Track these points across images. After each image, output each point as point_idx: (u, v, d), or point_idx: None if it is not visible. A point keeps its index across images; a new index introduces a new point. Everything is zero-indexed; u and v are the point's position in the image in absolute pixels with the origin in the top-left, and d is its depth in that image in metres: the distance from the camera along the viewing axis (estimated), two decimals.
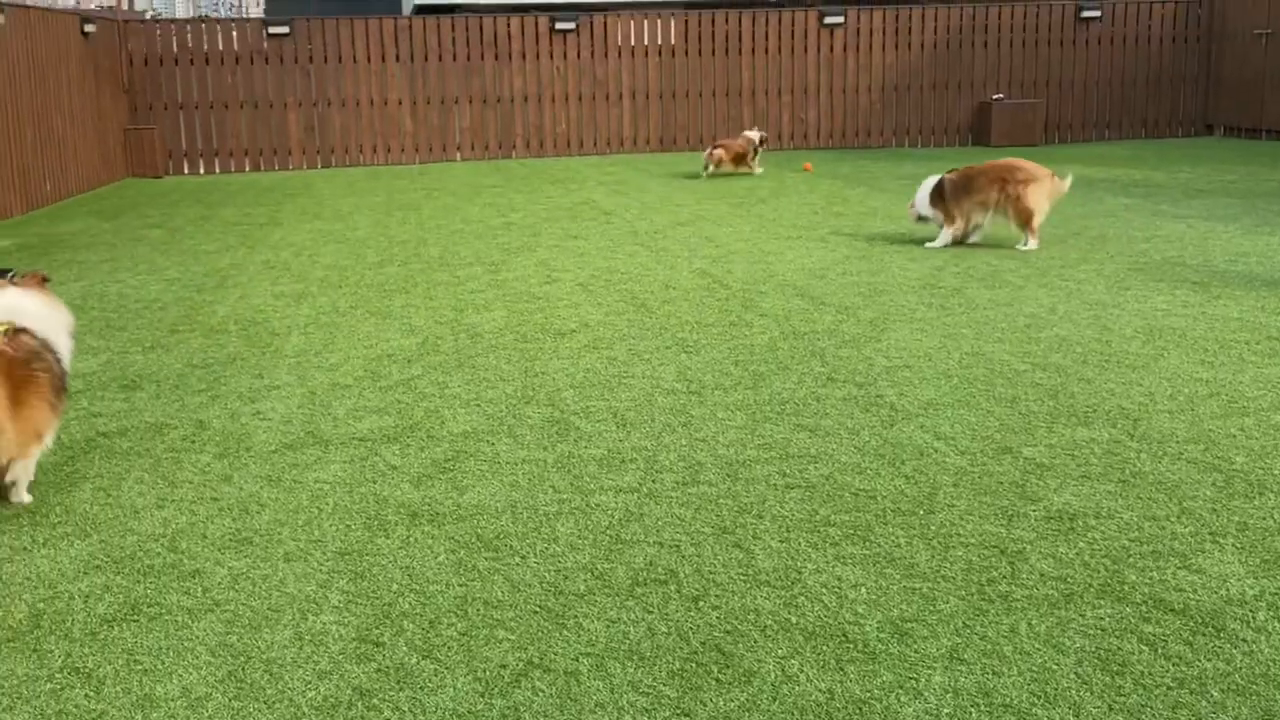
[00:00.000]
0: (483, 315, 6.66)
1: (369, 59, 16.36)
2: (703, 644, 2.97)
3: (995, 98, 17.21)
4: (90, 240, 9.91)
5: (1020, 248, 8.21)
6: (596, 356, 5.71)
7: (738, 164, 13.49)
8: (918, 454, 4.26)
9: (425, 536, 3.66)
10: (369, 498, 3.98)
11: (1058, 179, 8.23)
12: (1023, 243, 8.28)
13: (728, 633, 3.03)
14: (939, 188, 8.41)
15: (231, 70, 16.11)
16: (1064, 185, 8.26)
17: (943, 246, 8.42)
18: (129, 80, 15.75)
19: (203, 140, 16.13)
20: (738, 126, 17.16)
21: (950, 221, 8.39)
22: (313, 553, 3.56)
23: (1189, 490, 3.85)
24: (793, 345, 5.81)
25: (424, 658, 2.94)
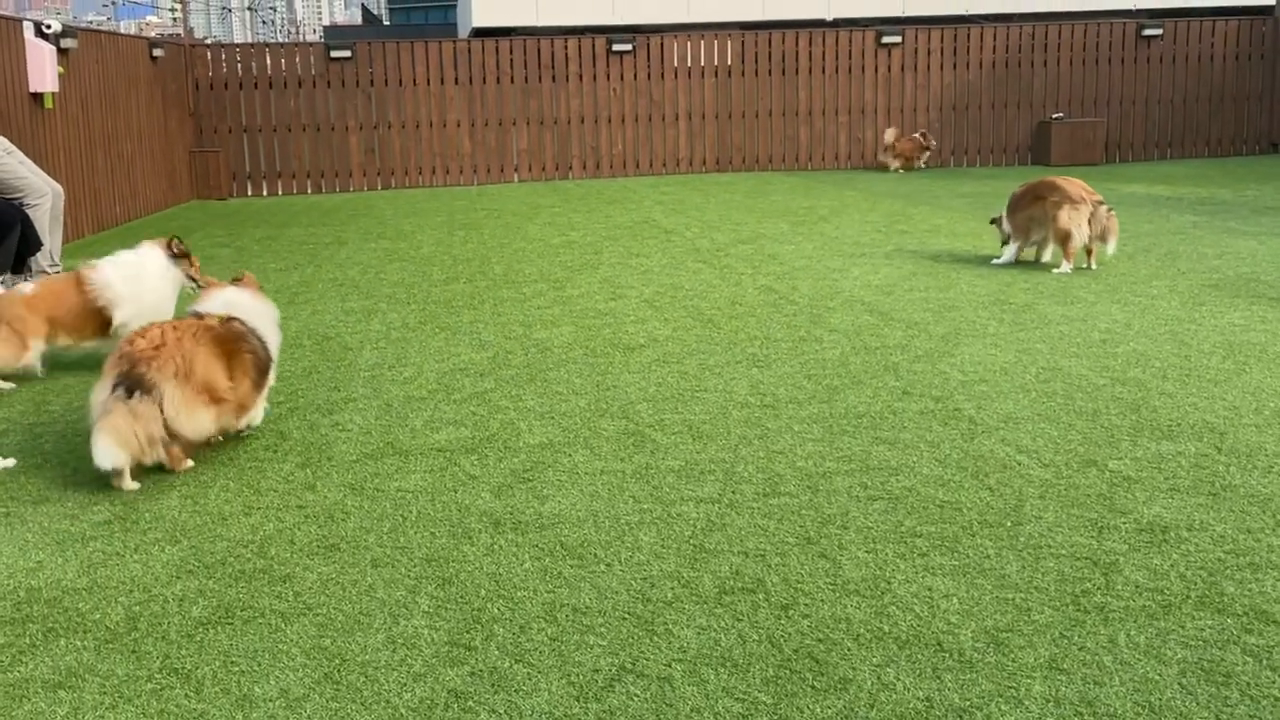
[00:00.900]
0: (551, 331, 6.69)
1: (428, 81, 16.56)
2: (795, 651, 2.96)
3: (1055, 117, 17.07)
4: None
5: (1055, 270, 8.00)
6: (667, 371, 5.71)
7: (909, 163, 15.42)
8: (1000, 467, 4.21)
9: (509, 544, 3.67)
10: (451, 506, 4.01)
11: (1103, 208, 7.88)
12: (1059, 266, 8.03)
13: (819, 641, 3.01)
14: (1010, 201, 8.34)
15: (294, 94, 16.36)
16: (1106, 217, 7.87)
17: (1005, 264, 8.32)
18: (195, 104, 16.05)
19: (266, 163, 16.39)
20: (794, 147, 17.17)
21: (1015, 236, 8.30)
22: (399, 559, 3.59)
23: None
24: (865, 360, 5.78)
25: (516, 661, 2.95)
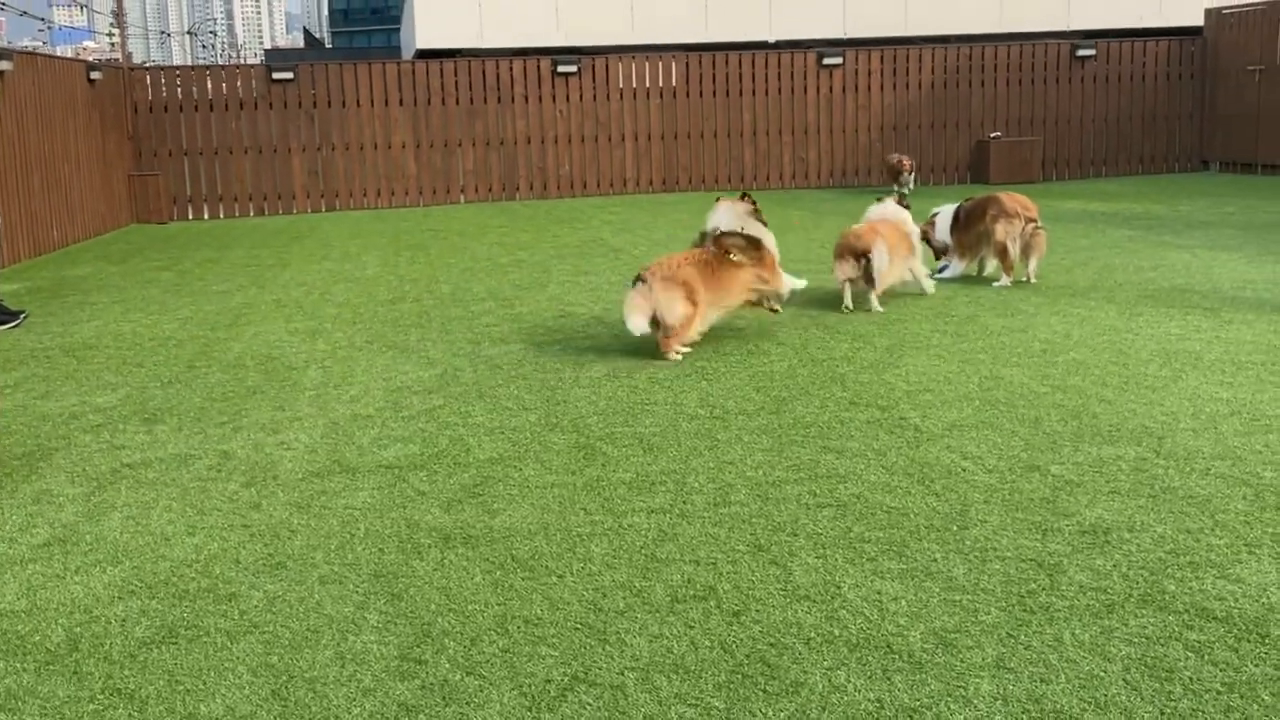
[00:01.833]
0: (500, 348, 6.68)
1: (372, 103, 16.50)
2: (747, 656, 2.96)
3: (993, 136, 17.36)
4: (100, 283, 9.94)
5: (995, 284, 8.08)
6: (617, 385, 5.72)
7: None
8: (946, 473, 4.26)
9: (460, 558, 3.65)
10: (400, 522, 3.98)
11: (1030, 225, 7.93)
12: (998, 279, 8.12)
13: (771, 645, 3.02)
14: (955, 216, 8.40)
15: (236, 116, 16.23)
16: (1032, 234, 7.95)
17: (951, 277, 8.43)
18: (134, 127, 15.86)
19: (207, 186, 16.23)
20: (739, 167, 17.30)
21: (961, 251, 8.39)
22: (348, 575, 3.55)
23: (1220, 504, 3.85)
24: (812, 371, 5.83)
25: (467, 674, 2.93)
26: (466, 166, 16.79)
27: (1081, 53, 17.67)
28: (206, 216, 16.16)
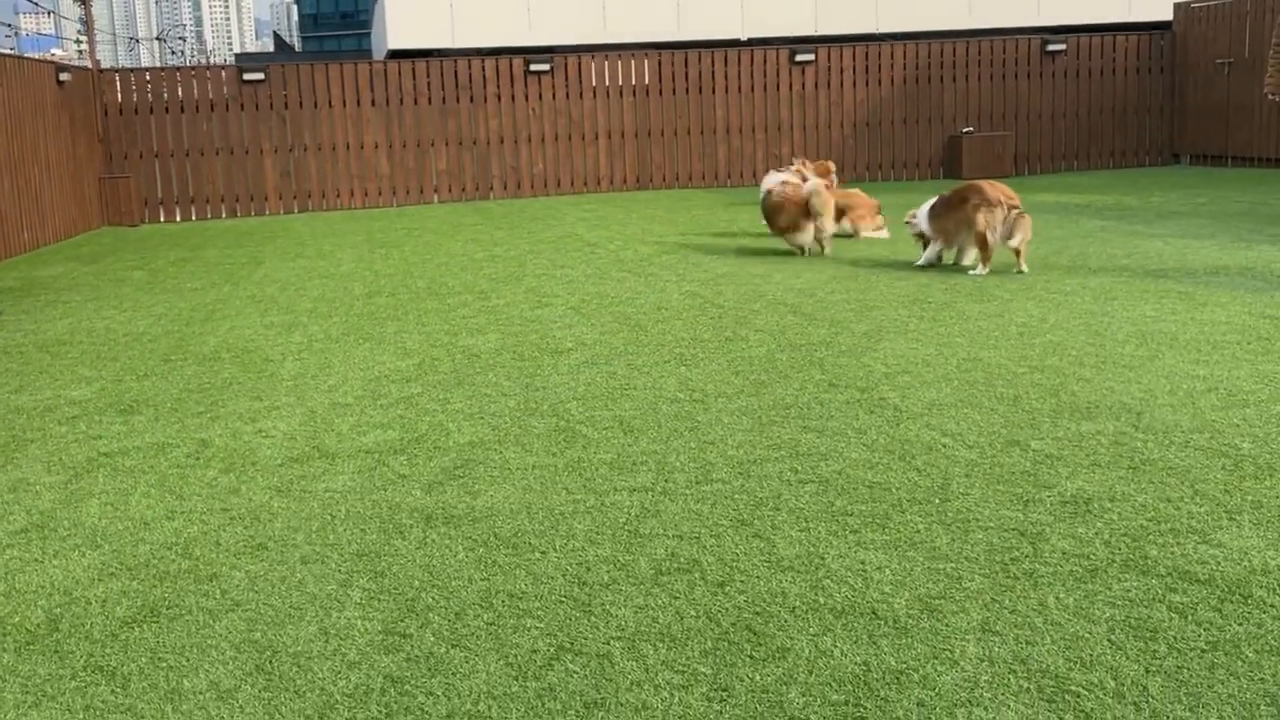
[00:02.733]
0: (477, 338, 6.66)
1: (344, 103, 16.44)
2: (733, 624, 2.96)
3: (965, 131, 17.46)
4: (72, 282, 9.85)
5: (971, 273, 8.13)
6: (596, 371, 5.71)
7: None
8: (926, 449, 4.27)
9: (442, 537, 3.63)
10: (381, 504, 3.96)
11: (1014, 211, 7.95)
12: (974, 268, 8.18)
13: (757, 614, 3.02)
14: (934, 205, 8.46)
15: (206, 117, 16.13)
16: (1016, 218, 7.96)
17: (925, 264, 8.47)
18: (104, 129, 15.73)
19: (179, 187, 16.12)
20: (713, 164, 17.33)
21: (938, 238, 8.43)
22: (330, 555, 3.53)
23: (1200, 474, 3.88)
24: (791, 356, 5.84)
25: (453, 646, 2.92)
26: (439, 166, 16.74)
27: (1052, 48, 17.80)
28: (179, 219, 16.05)
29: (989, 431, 4.45)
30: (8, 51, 14.48)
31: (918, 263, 8.55)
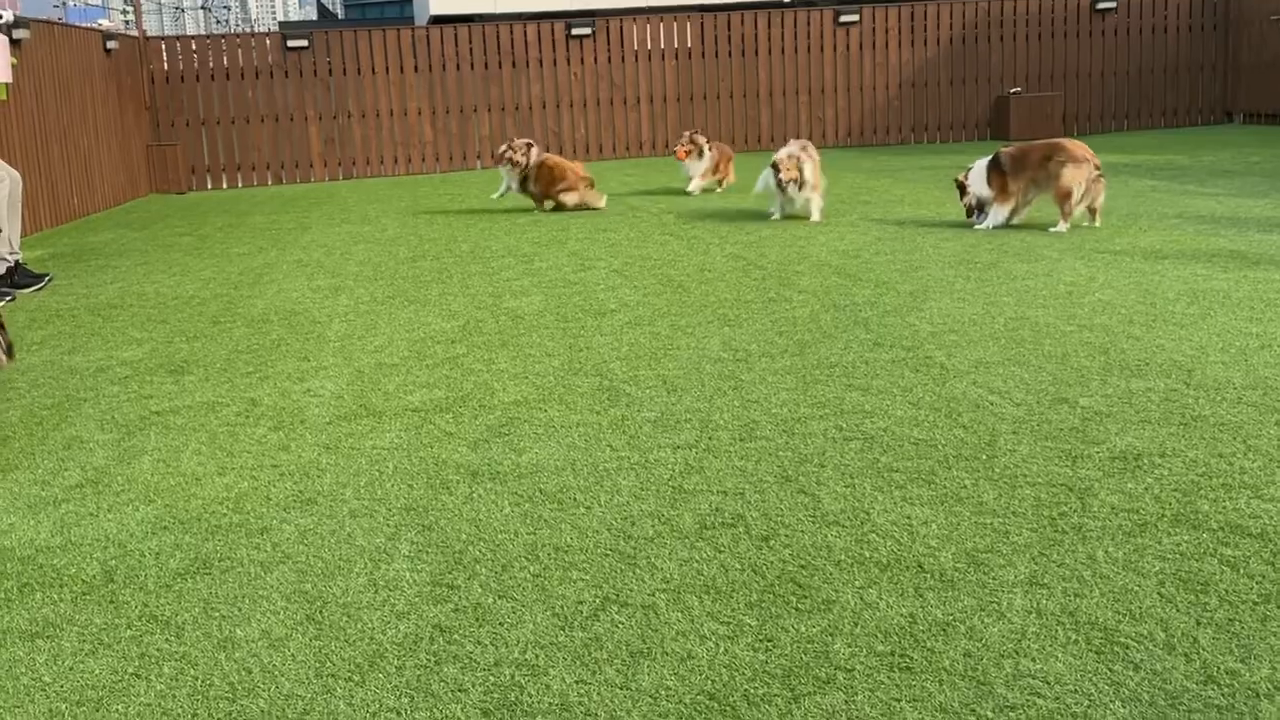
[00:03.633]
0: (521, 300, 6.67)
1: (387, 70, 16.46)
2: (778, 578, 2.97)
3: (1013, 91, 17.20)
4: (122, 248, 9.97)
5: (1051, 230, 8.08)
6: (639, 332, 5.71)
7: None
8: (973, 407, 4.24)
9: (488, 492, 3.66)
10: (428, 460, 3.99)
11: (1095, 171, 7.96)
12: (1055, 225, 8.15)
13: (802, 567, 3.02)
14: (995, 163, 8.33)
15: (251, 85, 16.22)
16: (1097, 182, 8.02)
17: (993, 227, 8.32)
18: (151, 97, 15.87)
19: (225, 155, 16.25)
20: (755, 128, 17.20)
21: (1005, 199, 8.28)
22: (378, 509, 3.57)
23: (1252, 430, 3.83)
24: (835, 316, 5.81)
25: (500, 598, 2.94)
26: (482, 132, 16.74)
27: (1101, 5, 17.46)
28: (225, 185, 16.18)
29: (1036, 389, 4.41)
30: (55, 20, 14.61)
31: (983, 226, 8.37)
